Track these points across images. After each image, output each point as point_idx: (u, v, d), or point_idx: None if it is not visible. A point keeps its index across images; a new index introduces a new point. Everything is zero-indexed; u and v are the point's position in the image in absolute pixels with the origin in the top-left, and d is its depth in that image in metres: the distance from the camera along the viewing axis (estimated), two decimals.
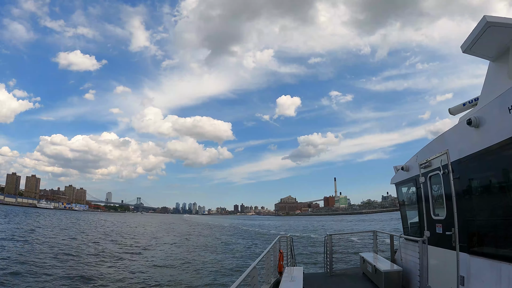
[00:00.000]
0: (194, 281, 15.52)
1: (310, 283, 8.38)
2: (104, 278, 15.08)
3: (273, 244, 8.75)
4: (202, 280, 15.73)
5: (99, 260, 19.78)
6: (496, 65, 5.17)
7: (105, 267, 17.80)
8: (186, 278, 16.12)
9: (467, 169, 4.91)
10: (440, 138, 5.86)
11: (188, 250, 26.99)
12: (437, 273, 5.89)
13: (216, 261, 21.45)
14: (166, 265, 19.32)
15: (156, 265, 19.21)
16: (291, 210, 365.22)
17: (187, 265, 19.48)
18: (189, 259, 21.97)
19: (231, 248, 28.60)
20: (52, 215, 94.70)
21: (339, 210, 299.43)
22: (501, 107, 3.96)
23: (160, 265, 19.20)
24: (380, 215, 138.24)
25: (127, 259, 21.18)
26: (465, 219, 4.91)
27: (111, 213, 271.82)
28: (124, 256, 22.04)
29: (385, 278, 7.38)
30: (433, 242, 6.01)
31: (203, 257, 23.26)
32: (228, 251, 26.90)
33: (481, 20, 4.53)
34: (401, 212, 8.46)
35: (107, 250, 24.37)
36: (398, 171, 8.17)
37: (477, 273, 4.50)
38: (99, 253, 22.92)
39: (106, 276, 15.51)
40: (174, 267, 18.91)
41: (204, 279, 15.95)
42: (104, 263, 19.15)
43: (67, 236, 33.49)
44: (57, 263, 17.98)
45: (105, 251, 24.04)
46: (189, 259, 21.97)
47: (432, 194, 6.16)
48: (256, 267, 5.58)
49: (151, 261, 20.50)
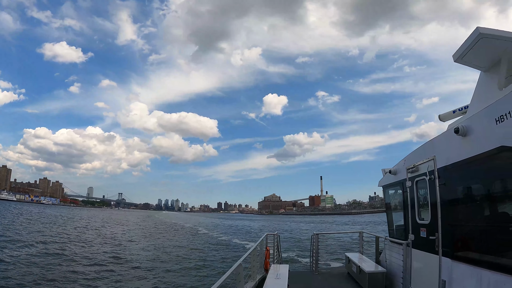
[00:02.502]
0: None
1: (295, 280, 8.46)
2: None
3: (260, 241, 8.77)
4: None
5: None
6: (487, 76, 5.27)
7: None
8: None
9: (452, 176, 5.02)
10: (428, 144, 5.97)
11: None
12: (420, 276, 6.02)
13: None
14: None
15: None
16: (275, 209, 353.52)
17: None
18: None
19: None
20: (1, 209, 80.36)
21: (326, 210, 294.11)
22: (489, 117, 4.03)
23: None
24: (372, 216, 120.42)
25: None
26: (448, 225, 5.02)
27: (83, 208, 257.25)
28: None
29: (369, 278, 7.53)
30: (417, 245, 6.13)
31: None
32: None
33: (474, 31, 4.61)
34: (387, 215, 8.61)
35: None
36: (386, 174, 8.28)
37: (458, 278, 4.60)
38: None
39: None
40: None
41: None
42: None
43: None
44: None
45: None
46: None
47: (418, 198, 6.27)
48: (241, 264, 5.58)
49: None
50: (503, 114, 3.75)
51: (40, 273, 14.76)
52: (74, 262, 18.09)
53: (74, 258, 19.06)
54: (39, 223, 46.44)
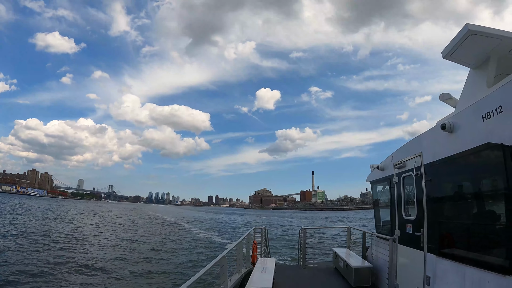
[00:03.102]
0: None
1: (282, 274, 8.47)
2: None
3: (246, 234, 8.71)
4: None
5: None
6: (475, 73, 5.27)
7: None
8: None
9: (438, 172, 5.01)
10: (416, 140, 5.97)
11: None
12: (405, 271, 6.07)
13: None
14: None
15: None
16: (266, 204, 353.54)
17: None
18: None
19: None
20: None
21: (317, 205, 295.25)
22: (475, 114, 4.01)
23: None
24: (368, 213, 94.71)
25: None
26: (434, 221, 5.04)
27: (71, 200, 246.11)
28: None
29: (355, 273, 7.57)
30: (403, 241, 6.16)
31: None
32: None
33: (463, 28, 4.58)
34: (374, 210, 8.66)
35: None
36: (374, 170, 8.31)
37: (442, 274, 4.62)
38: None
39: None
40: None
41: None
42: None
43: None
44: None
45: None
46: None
47: (405, 194, 6.29)
48: (225, 256, 5.50)
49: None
50: (490, 111, 3.73)
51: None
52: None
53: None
54: (7, 213, 44.92)
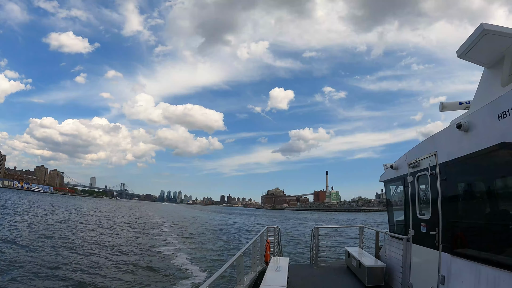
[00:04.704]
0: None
1: (295, 273, 8.56)
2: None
3: (260, 233, 8.87)
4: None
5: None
6: (490, 72, 5.24)
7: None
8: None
9: (454, 172, 5.01)
10: (430, 140, 5.95)
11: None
12: (419, 271, 6.06)
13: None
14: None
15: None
16: (278, 204, 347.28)
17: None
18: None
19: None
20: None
21: (331, 206, 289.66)
22: (491, 113, 4.01)
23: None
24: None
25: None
26: (449, 220, 5.04)
27: (78, 197, 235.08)
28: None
29: (368, 273, 7.58)
30: (417, 240, 6.16)
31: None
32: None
33: (478, 27, 4.57)
34: (387, 210, 8.64)
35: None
36: (387, 169, 8.28)
37: (457, 274, 4.62)
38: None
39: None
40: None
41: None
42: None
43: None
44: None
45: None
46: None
47: (419, 194, 6.28)
48: (242, 255, 5.67)
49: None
50: (506, 110, 3.73)
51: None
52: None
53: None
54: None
